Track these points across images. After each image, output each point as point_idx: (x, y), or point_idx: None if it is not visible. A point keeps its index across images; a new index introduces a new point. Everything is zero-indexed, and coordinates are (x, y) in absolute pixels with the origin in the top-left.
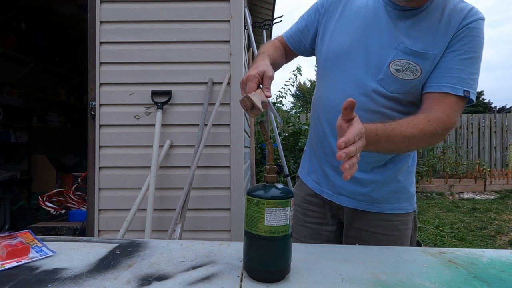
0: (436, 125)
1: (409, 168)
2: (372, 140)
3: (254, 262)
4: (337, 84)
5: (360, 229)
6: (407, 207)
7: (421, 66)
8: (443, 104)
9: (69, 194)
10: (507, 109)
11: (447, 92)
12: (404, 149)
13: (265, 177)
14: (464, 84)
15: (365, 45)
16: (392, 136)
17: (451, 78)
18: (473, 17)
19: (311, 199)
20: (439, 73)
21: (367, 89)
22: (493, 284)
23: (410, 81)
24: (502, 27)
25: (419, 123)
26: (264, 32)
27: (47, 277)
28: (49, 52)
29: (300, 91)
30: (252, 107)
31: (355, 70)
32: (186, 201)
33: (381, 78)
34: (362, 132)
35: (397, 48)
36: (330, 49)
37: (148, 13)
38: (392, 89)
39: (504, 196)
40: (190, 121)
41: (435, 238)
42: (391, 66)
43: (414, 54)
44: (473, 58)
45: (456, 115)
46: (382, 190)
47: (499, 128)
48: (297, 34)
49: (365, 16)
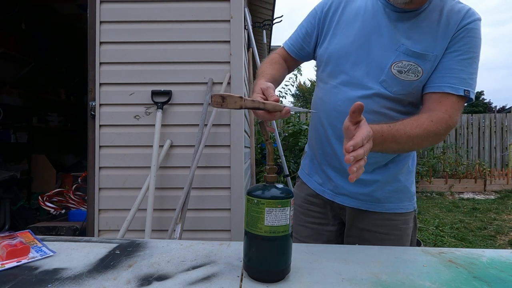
0: (439, 125)
1: (409, 168)
2: (378, 141)
3: (254, 262)
4: (338, 86)
5: (362, 229)
6: (408, 207)
7: (422, 67)
8: (444, 104)
9: (69, 194)
10: (507, 109)
11: (448, 92)
12: (408, 149)
13: (265, 177)
14: (465, 84)
15: (366, 47)
16: (397, 137)
17: (452, 78)
18: (471, 18)
19: (312, 199)
20: (440, 74)
21: (369, 91)
22: (493, 284)
23: (412, 82)
24: (504, 27)
25: (422, 123)
26: (264, 32)
27: (47, 277)
28: (49, 52)
29: (300, 91)
30: (223, 98)
31: (356, 72)
32: (186, 201)
33: (384, 79)
34: (370, 135)
35: (398, 50)
36: (330, 51)
37: (148, 13)
38: (395, 90)
39: (504, 196)
40: (190, 121)
41: (435, 238)
42: (393, 67)
43: (415, 55)
44: (472, 58)
45: (457, 115)
46: (384, 190)
47: (499, 128)
48: (298, 42)
49: (364, 18)
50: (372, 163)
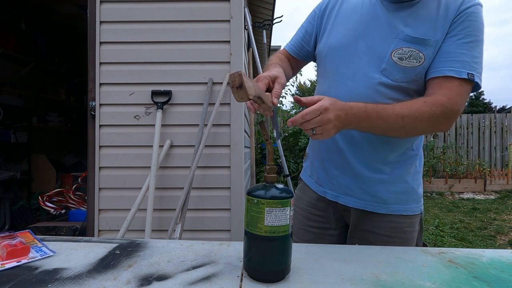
0: (433, 106)
1: (417, 169)
2: (361, 116)
3: (254, 262)
4: (339, 79)
5: (366, 231)
6: (414, 209)
7: (423, 52)
8: (444, 87)
9: (69, 194)
10: (507, 109)
11: (450, 76)
12: (400, 129)
13: (265, 177)
14: (467, 67)
15: (365, 38)
16: (383, 115)
17: (454, 62)
18: (471, 2)
19: (314, 202)
20: (441, 58)
21: (371, 81)
22: (493, 284)
23: (415, 68)
24: (506, 26)
25: (414, 104)
26: (264, 32)
27: (47, 277)
28: (49, 52)
29: (300, 91)
30: (239, 86)
31: (357, 63)
32: (186, 201)
33: (384, 68)
34: (320, 109)
35: (398, 37)
36: (329, 45)
37: (148, 13)
38: (397, 78)
39: (504, 196)
40: (190, 121)
41: (435, 238)
42: (393, 55)
43: (416, 41)
44: (474, 41)
45: (458, 98)
46: (389, 190)
47: (499, 128)
48: (299, 41)
49: (362, 12)
50: (374, 159)
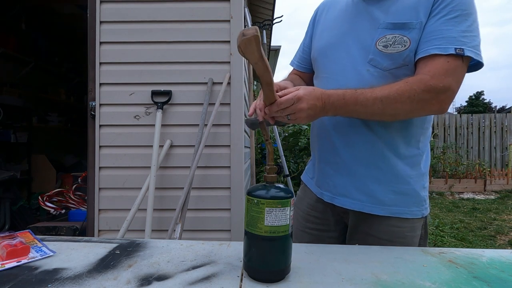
0: (414, 85)
1: (421, 170)
2: (339, 104)
3: (254, 262)
4: (330, 77)
5: (366, 233)
6: (415, 212)
7: (408, 36)
8: (429, 65)
9: (69, 194)
10: (507, 109)
11: (435, 53)
12: (382, 112)
13: (265, 177)
14: (455, 42)
15: (351, 35)
16: (361, 99)
17: (438, 39)
18: None
19: (314, 204)
20: (426, 38)
21: (360, 73)
22: (493, 284)
23: (401, 53)
24: (507, 26)
25: (395, 85)
26: (264, 32)
27: (47, 277)
28: (49, 52)
29: None
30: (253, 34)
31: (345, 59)
32: (186, 201)
33: (371, 58)
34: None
35: (380, 27)
36: (319, 48)
37: (148, 13)
38: (385, 66)
39: (504, 196)
40: (190, 121)
41: (435, 238)
42: (378, 44)
43: (398, 27)
44: (460, 16)
45: (446, 74)
46: (386, 189)
47: (499, 128)
48: (300, 55)
49: (347, 12)
50: (369, 156)
